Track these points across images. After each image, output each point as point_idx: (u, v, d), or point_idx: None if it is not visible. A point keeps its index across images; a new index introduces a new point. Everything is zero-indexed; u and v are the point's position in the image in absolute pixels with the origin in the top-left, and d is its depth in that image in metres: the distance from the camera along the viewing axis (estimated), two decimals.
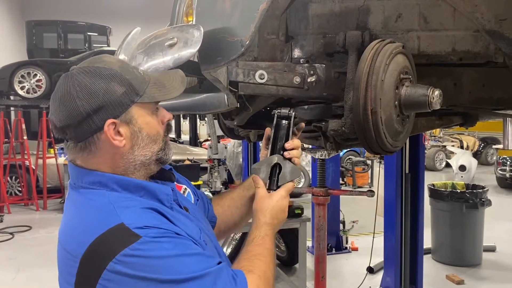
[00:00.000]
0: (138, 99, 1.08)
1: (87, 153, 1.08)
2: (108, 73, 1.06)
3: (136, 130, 1.09)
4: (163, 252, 0.96)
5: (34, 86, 9.47)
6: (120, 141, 1.06)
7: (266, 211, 1.22)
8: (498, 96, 1.71)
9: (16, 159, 8.56)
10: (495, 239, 5.93)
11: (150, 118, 1.12)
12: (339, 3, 1.56)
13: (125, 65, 1.11)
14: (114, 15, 15.50)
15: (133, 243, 0.95)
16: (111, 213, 1.01)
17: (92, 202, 1.05)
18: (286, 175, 1.29)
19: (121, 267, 0.94)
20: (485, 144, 13.91)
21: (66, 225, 1.08)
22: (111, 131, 1.05)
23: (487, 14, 1.44)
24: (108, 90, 1.05)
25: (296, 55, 1.61)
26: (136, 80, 1.09)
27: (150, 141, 1.11)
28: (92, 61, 1.10)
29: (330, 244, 5.68)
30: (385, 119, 1.33)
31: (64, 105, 1.04)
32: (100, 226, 0.98)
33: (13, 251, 6.10)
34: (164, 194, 1.12)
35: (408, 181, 3.96)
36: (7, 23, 13.38)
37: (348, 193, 3.40)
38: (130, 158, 1.10)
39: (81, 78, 1.05)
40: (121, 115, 1.06)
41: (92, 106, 1.03)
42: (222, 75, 1.49)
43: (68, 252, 1.02)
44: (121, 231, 0.97)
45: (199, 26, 1.38)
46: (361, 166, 10.34)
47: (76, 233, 1.02)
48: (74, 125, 1.05)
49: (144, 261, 0.95)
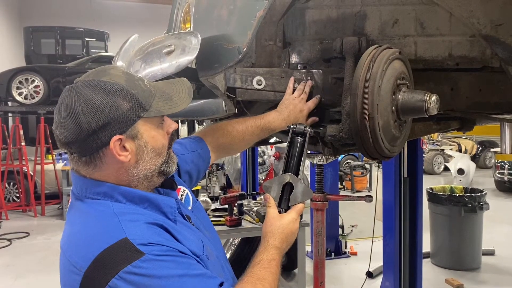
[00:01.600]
0: (144, 114, 1.07)
1: (92, 167, 1.07)
2: (114, 88, 1.04)
3: (141, 145, 1.08)
4: (166, 271, 0.96)
5: (32, 92, 9.47)
6: (125, 156, 1.06)
7: (276, 234, 1.20)
8: (495, 101, 1.71)
9: (14, 165, 8.55)
10: (494, 243, 5.93)
11: (155, 132, 1.11)
12: (336, 9, 1.57)
13: (131, 78, 1.09)
14: (112, 21, 15.53)
15: (136, 260, 0.94)
16: (116, 226, 1.00)
17: (97, 213, 1.04)
18: (297, 195, 1.28)
19: (123, 284, 0.93)
20: (483, 148, 13.93)
21: (70, 236, 1.07)
22: (117, 147, 1.04)
23: (483, 19, 1.45)
24: (114, 106, 1.03)
25: (293, 61, 1.62)
26: (143, 94, 1.07)
27: (154, 155, 1.11)
28: (97, 74, 1.08)
29: (329, 249, 5.67)
30: (382, 125, 1.34)
31: (69, 120, 1.03)
32: (105, 240, 0.98)
33: (11, 257, 6.08)
34: (168, 207, 1.12)
35: (406, 185, 3.96)
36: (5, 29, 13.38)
37: (347, 198, 3.40)
38: (135, 172, 1.09)
39: (86, 92, 1.03)
40: (127, 130, 1.05)
41: (98, 123, 1.02)
42: (220, 82, 1.49)
43: (72, 264, 1.01)
44: (125, 247, 0.96)
45: (196, 33, 1.39)
46: (360, 170, 10.34)
47: (81, 246, 1.01)
48: (79, 141, 1.04)
49: (146, 280, 0.94)
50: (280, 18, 1.53)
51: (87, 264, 0.97)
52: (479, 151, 13.93)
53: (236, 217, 3.92)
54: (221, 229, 3.76)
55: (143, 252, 0.95)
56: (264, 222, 1.24)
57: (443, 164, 12.85)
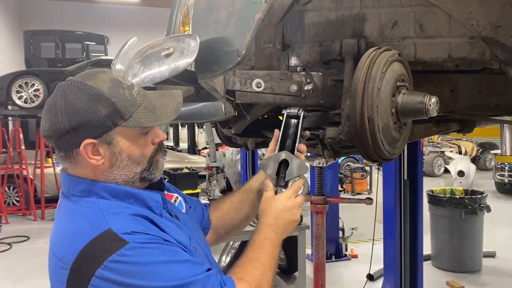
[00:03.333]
0: (122, 122, 1.08)
1: (69, 163, 1.11)
2: (95, 93, 1.06)
3: (115, 152, 1.09)
4: (150, 258, 0.97)
5: (32, 96, 9.46)
6: (97, 160, 1.08)
7: (268, 212, 1.21)
8: (494, 103, 1.71)
9: (14, 169, 8.54)
10: (494, 245, 5.92)
11: (133, 141, 1.11)
12: (335, 12, 1.57)
13: (116, 85, 1.09)
14: (112, 24, 15.56)
15: (120, 249, 0.96)
16: (100, 219, 1.02)
17: (83, 210, 1.06)
18: (293, 170, 1.31)
19: (109, 273, 0.95)
20: (483, 150, 13.93)
21: (57, 233, 1.09)
22: (88, 150, 1.06)
23: (482, 21, 1.45)
24: (90, 111, 1.05)
25: (292, 63, 1.62)
26: (124, 102, 1.08)
27: (131, 163, 1.11)
28: (86, 76, 1.10)
29: (329, 252, 5.66)
30: (382, 127, 1.33)
31: (49, 116, 1.07)
32: (90, 232, 0.99)
33: (11, 261, 6.06)
34: (154, 201, 1.13)
35: (406, 188, 3.96)
36: (5, 33, 13.41)
37: (347, 201, 3.40)
38: (110, 176, 1.10)
39: (70, 93, 1.06)
40: (101, 136, 1.07)
41: (72, 124, 1.05)
42: (219, 84, 1.49)
43: (59, 259, 1.02)
44: (109, 237, 0.98)
45: (195, 36, 1.38)
46: (360, 173, 10.34)
47: (66, 241, 1.03)
48: (54, 137, 1.08)
49: (131, 268, 0.95)
50: (279, 21, 1.53)
51: (73, 258, 0.98)
52: (479, 153, 13.92)
53: None
54: None
55: (126, 241, 0.97)
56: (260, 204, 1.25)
57: (443, 166, 12.85)
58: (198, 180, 8.04)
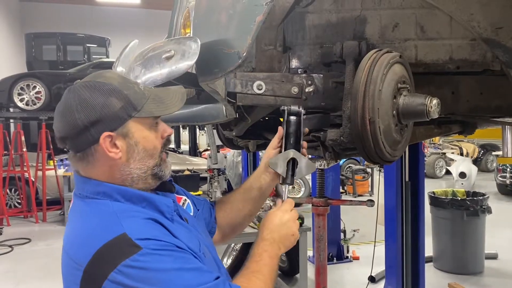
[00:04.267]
0: (135, 113, 1.12)
1: (86, 163, 1.12)
2: (108, 88, 1.10)
3: (132, 144, 1.12)
4: (162, 265, 0.99)
5: (33, 98, 9.48)
6: (116, 153, 1.10)
7: (265, 226, 1.23)
8: (496, 104, 1.71)
9: (15, 171, 8.55)
10: (496, 247, 5.90)
11: (147, 133, 1.15)
12: (335, 14, 1.57)
13: (125, 81, 1.16)
14: (113, 27, 15.59)
15: (134, 254, 0.97)
16: (114, 222, 1.03)
17: (97, 211, 1.08)
18: (302, 169, 1.34)
19: (121, 277, 0.96)
20: (485, 151, 13.90)
21: (71, 233, 1.11)
22: (107, 143, 1.09)
23: (483, 22, 1.45)
24: (105, 104, 1.09)
25: (293, 66, 1.62)
26: (135, 95, 1.13)
27: (146, 155, 1.14)
28: (94, 76, 1.15)
29: (331, 254, 5.65)
30: (383, 129, 1.33)
31: (64, 116, 1.10)
32: (104, 235, 1.01)
33: (12, 264, 6.06)
34: (165, 206, 1.15)
35: (408, 189, 3.95)
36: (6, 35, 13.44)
37: (348, 203, 3.40)
38: (127, 170, 1.12)
39: (81, 92, 1.10)
40: (118, 128, 1.10)
41: (89, 119, 1.07)
42: (220, 87, 1.49)
43: (73, 260, 1.05)
44: (123, 242, 1.00)
45: (196, 39, 1.39)
46: (361, 175, 10.33)
47: (81, 242, 1.05)
48: (72, 136, 1.09)
49: (143, 273, 0.97)
50: (280, 23, 1.53)
51: (87, 260, 1.00)
52: (481, 154, 13.90)
53: None
54: None
55: (140, 247, 0.99)
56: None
57: (444, 167, 12.83)
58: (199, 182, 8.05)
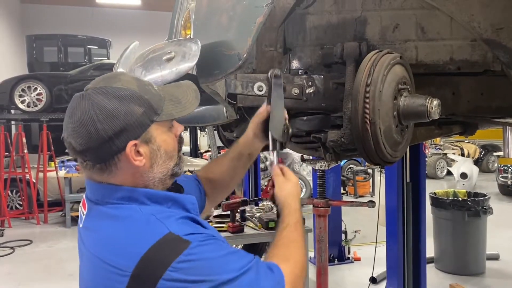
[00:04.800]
0: (156, 118, 1.09)
1: (107, 174, 1.08)
2: (127, 94, 1.05)
3: (155, 149, 1.10)
4: (212, 254, 1.01)
5: (34, 100, 9.49)
6: (140, 160, 1.07)
7: (294, 197, 1.27)
8: (496, 105, 1.71)
9: (16, 173, 8.55)
10: (498, 247, 5.89)
11: (167, 135, 1.13)
12: (336, 15, 1.57)
13: (142, 84, 1.11)
14: (114, 28, 15.60)
15: (186, 249, 0.98)
16: (156, 224, 1.02)
17: (130, 215, 1.05)
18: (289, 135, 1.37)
19: (177, 274, 0.96)
20: (486, 152, 13.89)
21: (103, 240, 1.06)
22: (132, 152, 1.06)
23: (483, 23, 1.44)
24: (128, 112, 1.04)
25: (294, 67, 1.62)
26: (154, 98, 1.09)
27: (167, 158, 1.13)
28: (108, 80, 1.09)
29: (332, 255, 5.65)
30: (384, 130, 1.33)
31: (84, 128, 1.03)
32: (149, 237, 1.00)
33: (14, 265, 6.07)
34: (190, 204, 1.14)
35: (409, 190, 3.95)
36: (7, 37, 13.46)
37: (349, 204, 3.40)
38: (150, 176, 1.10)
39: (99, 99, 1.04)
40: (141, 135, 1.07)
41: (114, 129, 1.03)
42: (220, 88, 1.49)
43: (113, 267, 1.00)
44: (172, 240, 0.99)
45: (196, 40, 1.39)
46: (362, 175, 10.33)
47: (123, 247, 1.01)
48: (94, 148, 1.04)
49: (198, 264, 0.98)
50: (280, 24, 1.53)
51: (133, 264, 0.97)
52: (482, 155, 13.88)
53: (238, 223, 3.91)
54: (224, 235, 3.74)
55: (189, 241, 0.99)
56: (276, 189, 1.30)
57: (446, 168, 12.82)
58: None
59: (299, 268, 1.13)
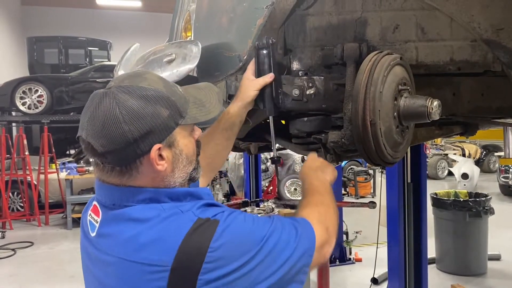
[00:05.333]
0: (182, 121, 1.05)
1: (127, 177, 1.03)
2: (154, 95, 1.01)
3: (177, 153, 1.06)
4: (242, 224, 1.02)
5: (35, 102, 9.52)
6: (162, 165, 1.03)
7: (320, 170, 1.37)
8: (497, 105, 1.71)
9: (17, 175, 8.56)
10: (499, 248, 5.89)
11: (188, 140, 1.09)
12: (336, 16, 1.57)
13: (168, 84, 1.07)
14: (115, 30, 15.64)
15: (216, 228, 0.98)
16: (183, 215, 1.01)
17: (153, 212, 1.01)
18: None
19: (216, 253, 0.95)
20: (487, 152, 13.88)
21: (130, 240, 1.00)
22: (156, 156, 1.01)
23: (484, 24, 1.44)
24: (155, 113, 1.00)
25: (294, 68, 1.62)
26: (180, 100, 1.06)
27: (187, 162, 1.09)
28: (133, 79, 1.04)
29: (333, 256, 5.65)
30: (384, 131, 1.33)
31: (108, 129, 0.98)
32: (181, 228, 0.98)
33: (15, 267, 6.08)
34: (206, 195, 1.12)
35: (410, 191, 3.95)
36: (8, 39, 13.48)
37: (350, 205, 3.40)
38: (171, 180, 1.07)
39: (125, 99, 0.99)
40: (166, 138, 1.03)
41: (140, 131, 0.98)
42: (221, 89, 1.50)
43: (151, 265, 0.96)
44: (201, 225, 0.98)
45: (197, 42, 1.39)
46: (363, 176, 10.32)
47: (156, 244, 0.97)
48: (118, 150, 0.99)
49: (232, 238, 0.98)
50: (280, 25, 1.53)
51: (172, 258, 0.95)
52: (483, 155, 13.87)
53: None
54: None
55: (217, 220, 0.99)
56: (308, 161, 1.39)
57: (447, 168, 12.81)
58: None
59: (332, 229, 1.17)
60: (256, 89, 1.41)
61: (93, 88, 10.09)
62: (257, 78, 1.39)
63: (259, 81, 1.40)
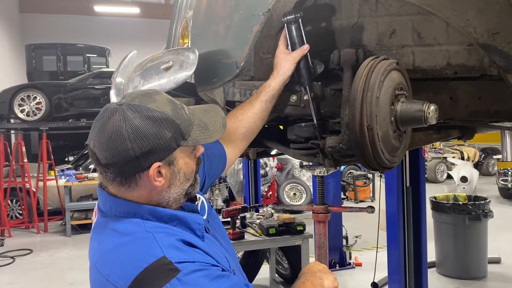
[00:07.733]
0: (183, 142, 1.11)
1: (126, 188, 1.11)
2: (161, 117, 1.07)
3: (176, 171, 1.12)
4: (202, 284, 1.02)
5: (34, 109, 9.52)
6: (160, 181, 1.10)
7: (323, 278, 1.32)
8: (494, 109, 1.71)
9: (16, 182, 8.54)
10: (499, 251, 5.88)
11: (188, 159, 1.15)
12: (333, 21, 1.58)
13: (175, 107, 1.12)
14: (113, 36, 15.66)
15: (174, 278, 1.00)
16: (153, 245, 1.05)
17: (130, 231, 1.09)
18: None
19: None
20: (485, 155, 13.89)
21: (105, 254, 1.10)
22: (154, 173, 1.08)
23: (479, 28, 1.45)
24: (158, 134, 1.07)
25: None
26: (184, 123, 1.11)
27: (184, 180, 1.15)
28: (143, 99, 1.10)
29: (333, 260, 5.64)
30: (381, 135, 1.34)
31: (113, 144, 1.05)
32: (144, 259, 1.03)
33: (14, 275, 6.05)
34: (196, 224, 1.16)
35: (409, 195, 3.94)
36: (7, 47, 13.50)
37: (348, 209, 3.39)
38: (166, 195, 1.13)
39: (133, 117, 1.06)
40: (166, 157, 1.09)
41: (142, 149, 1.05)
42: (218, 96, 1.50)
43: (110, 283, 1.05)
44: (164, 265, 1.01)
45: (194, 49, 1.40)
46: (362, 180, 10.32)
47: (119, 265, 1.05)
48: (119, 164, 1.07)
49: None
50: (278, 32, 1.54)
51: (127, 284, 1.01)
52: (482, 158, 13.88)
53: (239, 230, 3.91)
54: None
55: (179, 269, 1.01)
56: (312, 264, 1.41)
57: (446, 172, 12.81)
58: None
59: None
60: (295, 62, 1.46)
61: (92, 95, 10.15)
62: (292, 51, 1.44)
63: (295, 54, 1.46)
